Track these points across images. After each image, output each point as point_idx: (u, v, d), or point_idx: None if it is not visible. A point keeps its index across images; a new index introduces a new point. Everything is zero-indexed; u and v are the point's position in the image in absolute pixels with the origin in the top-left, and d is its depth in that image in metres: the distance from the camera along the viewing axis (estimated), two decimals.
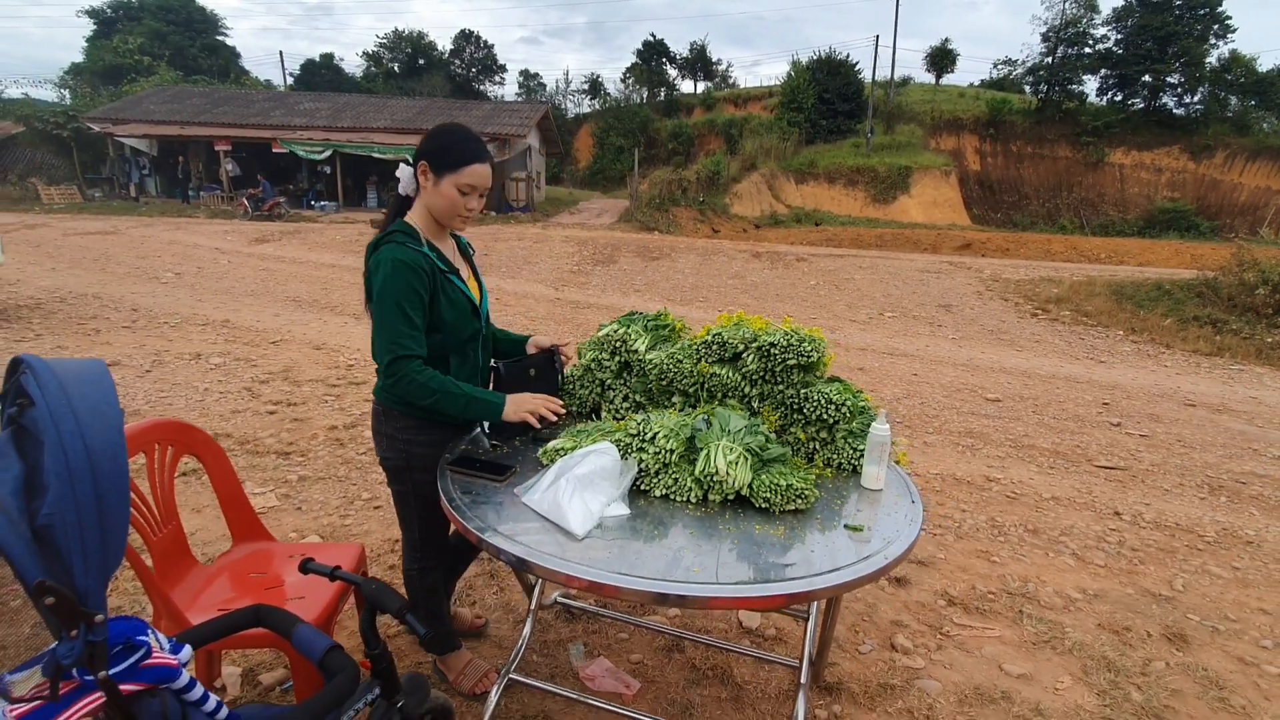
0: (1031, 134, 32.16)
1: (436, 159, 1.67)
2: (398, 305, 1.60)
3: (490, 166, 1.73)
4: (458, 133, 1.71)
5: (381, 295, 1.61)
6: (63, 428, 0.86)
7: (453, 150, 1.67)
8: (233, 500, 1.91)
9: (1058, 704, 2.18)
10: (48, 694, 0.95)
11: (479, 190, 1.70)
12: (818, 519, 1.54)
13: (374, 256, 1.67)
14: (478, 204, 1.72)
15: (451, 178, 1.66)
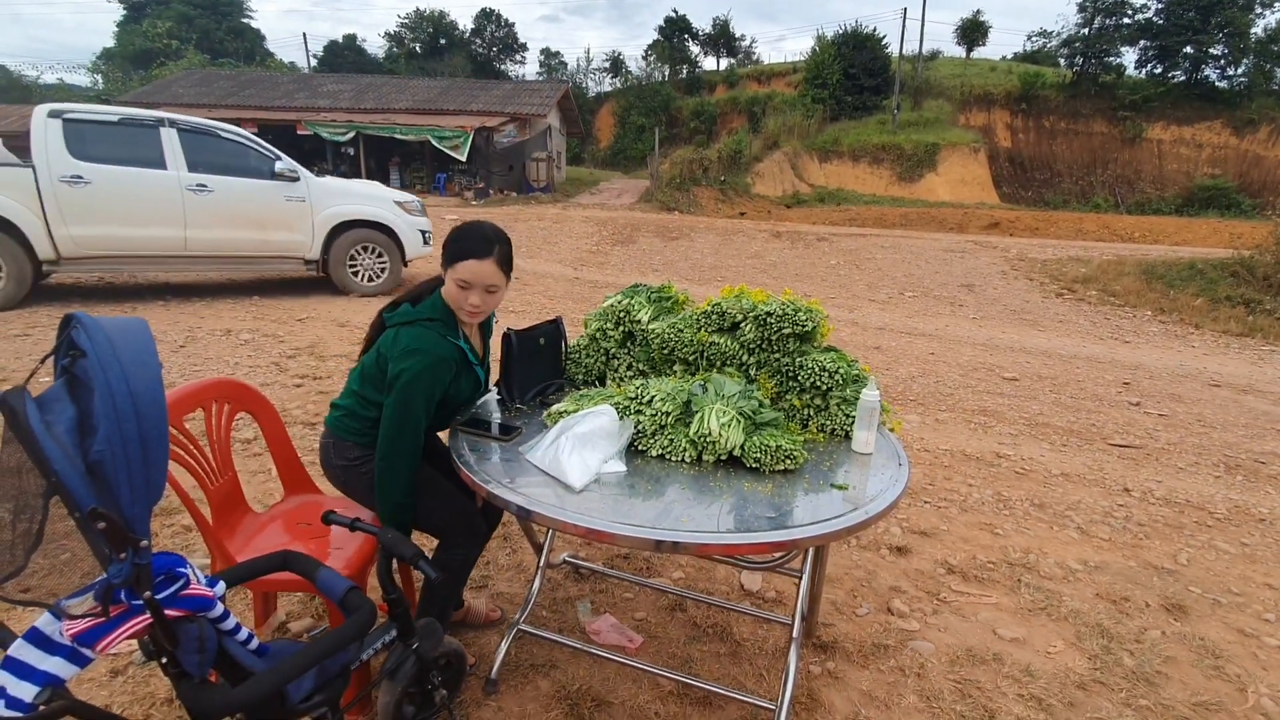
0: (1066, 109, 31.23)
1: (445, 252, 1.74)
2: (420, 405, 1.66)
3: (493, 264, 1.70)
4: (466, 228, 1.75)
5: (405, 385, 1.64)
6: (110, 375, 0.98)
7: (455, 245, 1.72)
8: (283, 454, 2.04)
9: (1048, 666, 2.25)
10: (100, 614, 1.09)
11: (476, 286, 1.70)
12: (806, 478, 1.62)
13: (408, 340, 1.68)
14: (481, 300, 1.72)
15: (451, 273, 1.71)
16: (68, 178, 5.80)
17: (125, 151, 6.03)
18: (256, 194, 6.60)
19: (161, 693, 1.90)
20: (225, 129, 6.62)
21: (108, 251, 6.20)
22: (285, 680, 1.28)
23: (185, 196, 6.25)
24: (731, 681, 2.09)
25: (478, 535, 1.88)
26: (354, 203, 7.14)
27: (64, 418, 1.01)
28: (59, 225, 5.87)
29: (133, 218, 6.13)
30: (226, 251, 6.70)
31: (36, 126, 5.71)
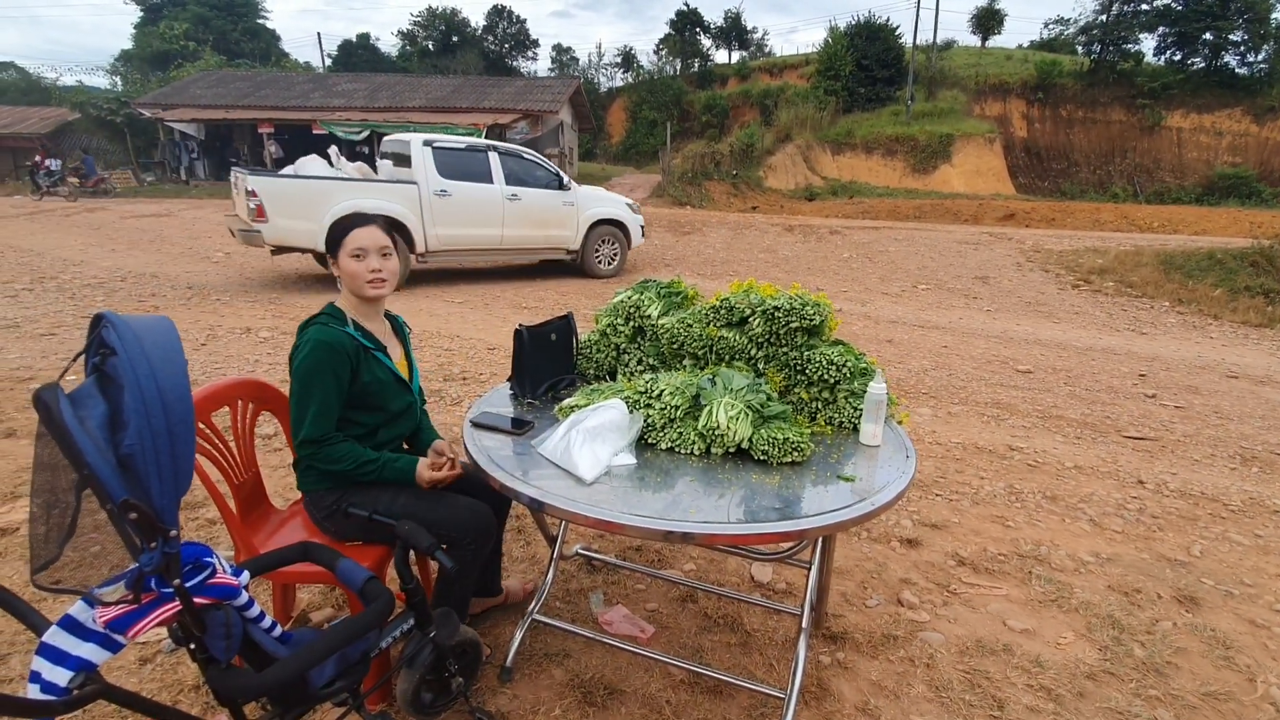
0: (1083, 97, 30.74)
1: (330, 245, 1.81)
2: (314, 387, 1.69)
3: (378, 229, 1.80)
4: (343, 217, 1.84)
5: (299, 375, 1.70)
6: (139, 372, 1.02)
7: (335, 230, 1.80)
8: None
9: (1058, 657, 2.26)
10: (131, 601, 1.13)
11: (371, 249, 1.78)
12: (813, 470, 1.64)
13: (299, 337, 1.77)
14: (381, 263, 1.79)
15: (342, 252, 1.78)
16: (438, 191, 7.68)
17: (468, 171, 7.92)
18: (546, 201, 8.52)
19: (189, 680, 1.96)
20: (527, 153, 8.65)
21: (455, 246, 8.07)
22: (308, 666, 1.33)
23: (504, 204, 8.17)
24: (742, 671, 2.12)
25: (486, 535, 1.88)
26: (604, 206, 9.06)
27: (96, 413, 1.05)
28: (430, 226, 7.74)
29: (473, 220, 8.03)
30: (524, 245, 8.59)
31: (415, 152, 7.56)
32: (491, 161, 8.10)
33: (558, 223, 8.67)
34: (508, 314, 6.96)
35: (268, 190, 6.90)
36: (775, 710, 1.95)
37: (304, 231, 7.03)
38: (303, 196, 7.07)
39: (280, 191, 6.99)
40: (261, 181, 6.96)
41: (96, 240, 10.80)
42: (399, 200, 7.48)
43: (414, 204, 7.56)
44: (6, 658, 2.05)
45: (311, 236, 7.00)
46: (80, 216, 13.60)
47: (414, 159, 7.55)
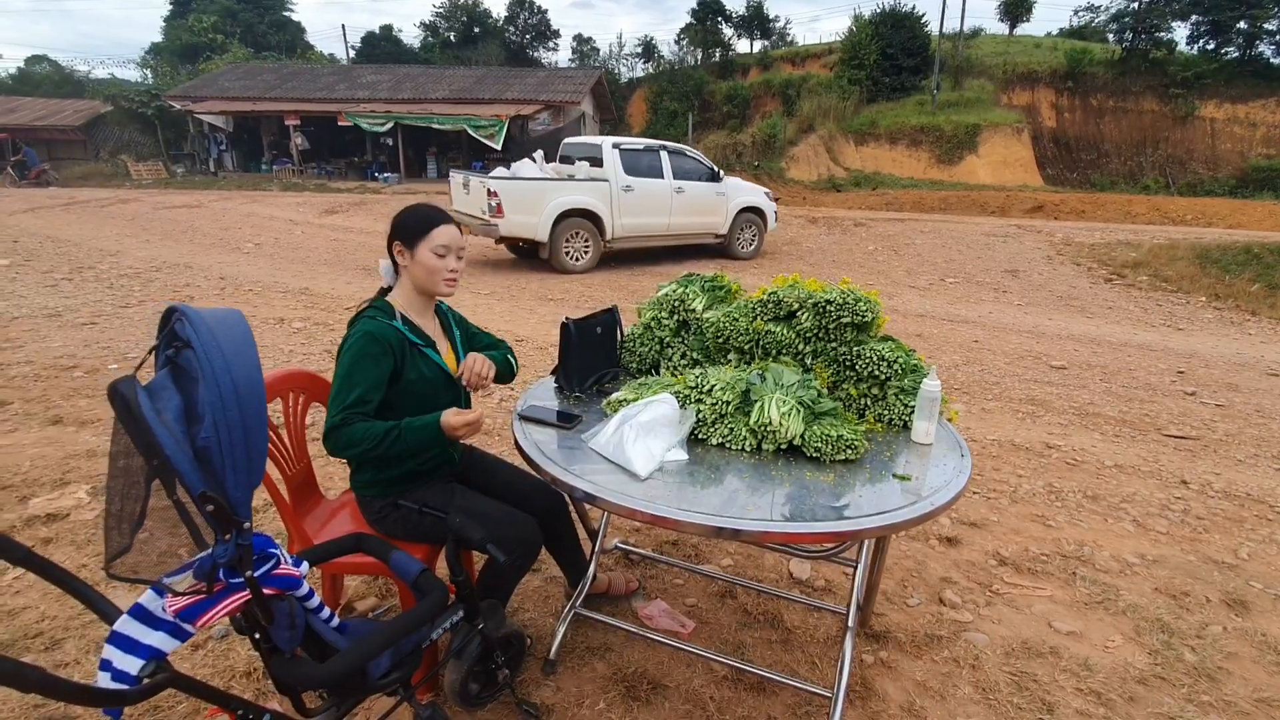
0: (1114, 86, 29.97)
1: (406, 235, 1.76)
2: (352, 377, 1.66)
3: (457, 228, 1.79)
4: (418, 207, 1.80)
5: (340, 365, 1.68)
6: (215, 365, 1.03)
7: (416, 221, 1.76)
8: None
9: (1107, 661, 2.22)
10: (204, 591, 1.15)
11: (453, 250, 1.77)
12: (867, 469, 1.62)
13: (349, 330, 1.74)
14: (457, 264, 1.79)
15: (424, 244, 1.74)
16: (624, 187, 8.90)
17: (646, 168, 9.13)
18: (704, 192, 9.67)
19: (240, 665, 1.99)
20: (689, 150, 9.88)
21: (634, 233, 9.26)
22: (368, 657, 1.34)
23: (672, 196, 9.33)
24: (784, 668, 2.11)
25: (532, 548, 1.82)
26: (748, 195, 10.24)
27: (171, 405, 1.06)
28: (617, 217, 8.94)
29: (649, 210, 9.22)
30: (685, 230, 9.76)
31: (606, 154, 8.83)
32: (663, 159, 9.30)
33: (711, 211, 9.84)
34: (534, 305, 6.98)
35: (505, 191, 8.12)
36: (819, 708, 1.94)
37: (528, 224, 8.31)
38: (530, 195, 8.32)
39: (514, 191, 8.22)
40: (501, 184, 8.16)
41: (131, 231, 10.99)
42: (594, 195, 8.70)
43: (605, 198, 8.80)
44: (61, 643, 2.09)
45: (532, 228, 8.36)
46: (115, 207, 13.85)
47: (605, 159, 8.79)
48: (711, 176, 9.75)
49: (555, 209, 8.35)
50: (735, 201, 10.03)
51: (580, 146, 9.54)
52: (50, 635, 2.11)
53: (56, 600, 2.25)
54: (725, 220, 10.00)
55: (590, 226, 8.78)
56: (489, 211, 8.08)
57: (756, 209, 10.34)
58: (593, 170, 8.92)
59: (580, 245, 8.87)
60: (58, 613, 2.20)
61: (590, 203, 8.63)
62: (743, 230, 10.31)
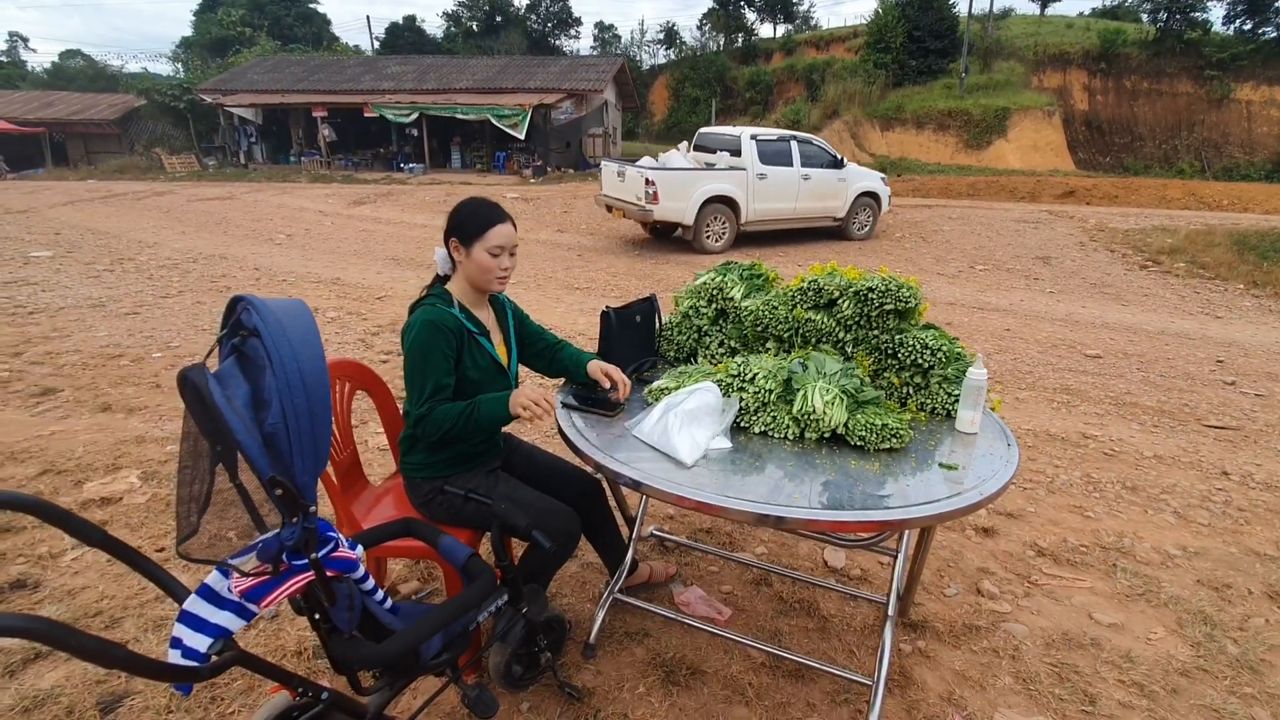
0: (1148, 68, 29.07)
1: (462, 232, 1.78)
2: (426, 364, 1.71)
3: (512, 225, 1.81)
4: (475, 204, 1.81)
5: (410, 354, 1.72)
6: (282, 353, 1.06)
7: (473, 220, 1.77)
8: (396, 431, 2.12)
9: (1149, 653, 2.19)
10: (269, 572, 1.19)
11: (507, 249, 1.80)
12: (912, 457, 1.61)
13: (409, 318, 1.78)
14: (510, 262, 1.82)
15: (479, 244, 1.76)
16: (759, 174, 9.63)
17: (777, 157, 9.83)
18: (827, 178, 10.31)
19: (291, 644, 2.06)
20: (816, 140, 10.49)
21: (765, 217, 9.99)
22: (423, 639, 1.38)
23: (800, 183, 10.04)
24: (822, 655, 2.12)
25: (571, 539, 1.86)
26: (866, 180, 10.76)
27: (240, 393, 1.09)
28: (751, 202, 9.68)
29: (779, 196, 9.94)
30: (808, 214, 10.42)
31: (745, 145, 9.59)
32: (793, 148, 9.99)
33: (833, 195, 10.45)
34: (560, 294, 7.01)
35: (661, 180, 8.98)
36: (858, 696, 1.95)
37: (678, 209, 9.15)
38: (680, 184, 9.13)
39: (668, 181, 9.06)
40: (658, 174, 9.03)
41: (166, 223, 11.22)
42: (732, 182, 9.48)
43: (742, 185, 9.56)
44: (120, 621, 2.17)
45: (681, 213, 9.19)
46: (150, 200, 14.15)
47: (743, 150, 9.58)
48: (835, 163, 10.40)
49: (701, 196, 9.23)
50: (855, 186, 10.63)
51: (716, 136, 10.27)
52: (110, 614, 2.19)
53: (114, 580, 2.34)
54: (844, 204, 10.62)
55: (728, 211, 9.62)
56: (645, 198, 9.01)
57: (873, 193, 10.91)
58: (732, 160, 9.71)
59: (718, 228, 9.65)
60: (115, 592, 2.28)
61: (730, 190, 9.46)
62: (859, 213, 10.88)
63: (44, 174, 21.77)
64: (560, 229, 11.38)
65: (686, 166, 9.70)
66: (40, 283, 6.84)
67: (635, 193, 9.25)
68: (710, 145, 10.24)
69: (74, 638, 0.89)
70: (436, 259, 1.88)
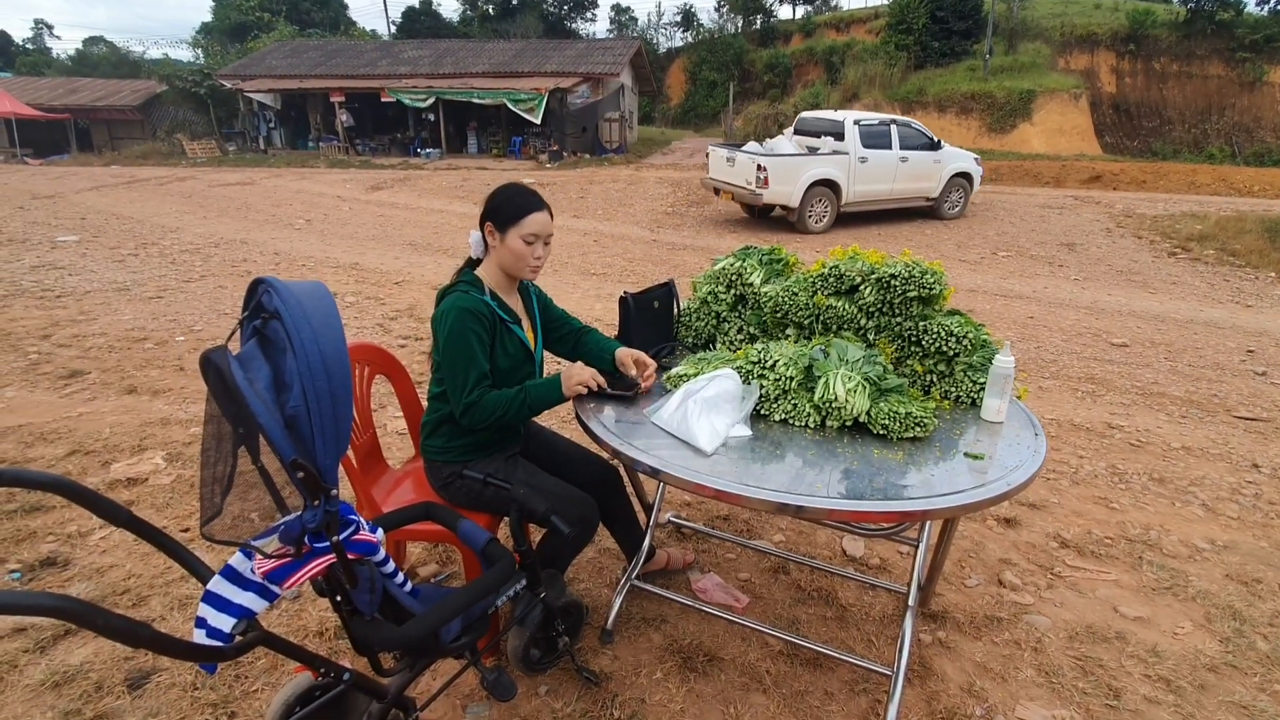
0: (1178, 50, 28.18)
1: (498, 217, 1.76)
2: (465, 351, 1.70)
3: (549, 214, 1.80)
4: (512, 189, 1.80)
5: (447, 343, 1.71)
6: (303, 336, 1.05)
7: (510, 206, 1.76)
8: (414, 415, 2.14)
9: (1176, 648, 2.16)
10: (292, 554, 1.19)
11: (542, 237, 1.78)
12: (936, 447, 1.58)
13: (439, 306, 1.77)
14: (544, 251, 1.81)
15: (514, 230, 1.74)
16: (860, 158, 10.04)
17: (876, 141, 10.23)
18: (923, 160, 10.66)
19: (313, 625, 2.08)
20: (914, 123, 10.93)
21: (864, 198, 10.40)
22: (443, 621, 1.38)
23: (897, 165, 10.41)
24: (840, 644, 2.11)
25: (589, 526, 1.86)
26: (959, 162, 11.06)
27: (261, 375, 1.09)
28: (851, 185, 10.12)
29: (877, 178, 10.32)
30: (903, 195, 10.80)
31: (848, 130, 10.05)
32: (892, 132, 10.40)
33: (928, 177, 10.79)
34: (577, 280, 7.00)
35: (772, 165, 9.49)
36: (877, 686, 1.93)
37: (786, 193, 9.66)
38: (788, 168, 9.65)
39: (778, 166, 9.57)
40: (769, 160, 9.57)
41: (188, 208, 11.34)
42: (834, 166, 9.92)
43: (844, 168, 9.99)
44: (146, 599, 2.21)
45: (787, 196, 9.71)
46: (172, 185, 14.30)
47: (846, 134, 10.06)
48: (931, 145, 10.75)
49: (807, 180, 9.73)
50: (949, 167, 10.94)
51: (818, 121, 10.75)
52: (136, 592, 2.23)
53: (141, 559, 2.38)
54: (938, 185, 10.96)
55: (830, 193, 10.07)
56: (755, 183, 9.55)
57: (966, 174, 11.21)
58: (835, 144, 10.18)
59: (820, 209, 10.12)
60: (142, 571, 2.32)
61: (833, 174, 9.93)
62: (951, 193, 11.17)
63: (69, 159, 22.06)
64: (576, 214, 11.34)
65: (793, 152, 10.20)
66: (67, 267, 6.95)
67: (745, 177, 9.76)
68: (812, 130, 10.68)
69: (102, 617, 0.90)
70: (471, 242, 1.86)
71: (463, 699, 1.86)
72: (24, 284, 6.21)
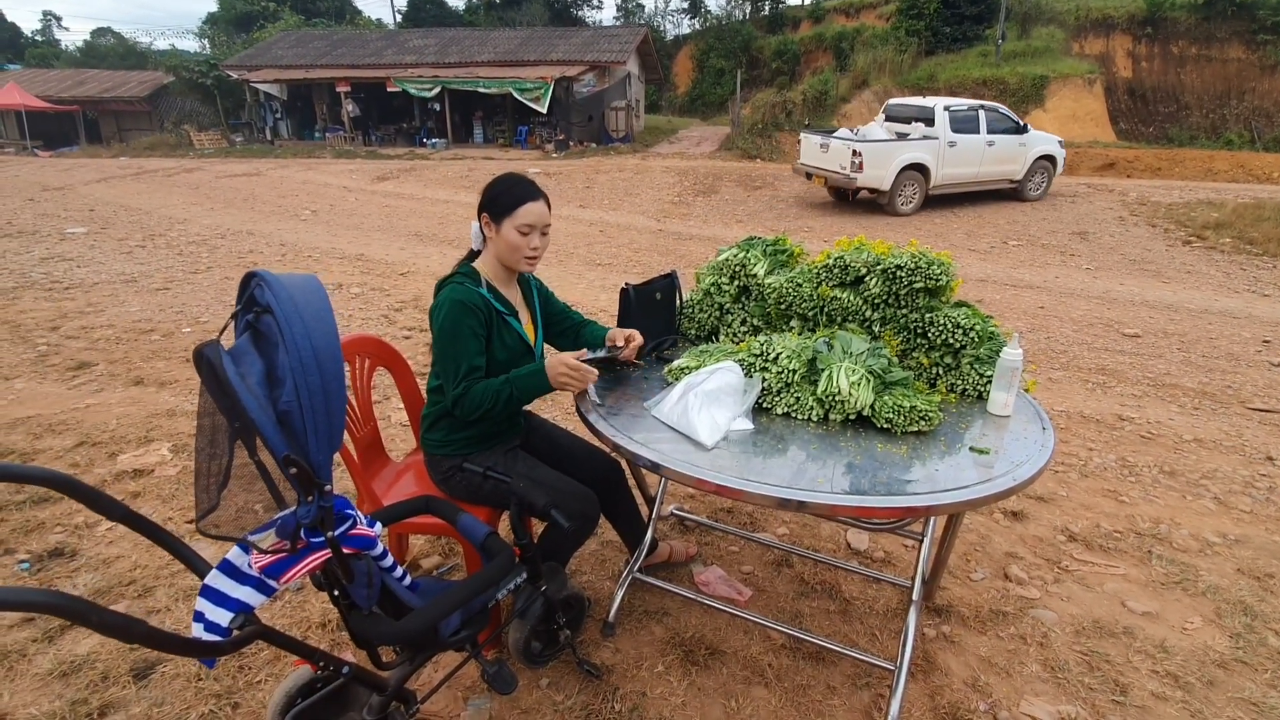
0: (1197, 32, 27.64)
1: (494, 208, 1.75)
2: (458, 343, 1.69)
3: (545, 204, 1.77)
4: (508, 180, 1.78)
5: (441, 335, 1.70)
6: (295, 330, 1.04)
7: (505, 196, 1.74)
8: (416, 407, 2.13)
9: (1185, 643, 2.13)
10: (287, 549, 1.18)
11: (538, 228, 1.76)
12: (941, 441, 1.56)
13: (436, 298, 1.76)
14: (540, 242, 1.78)
15: (509, 221, 1.73)
16: (949, 142, 10.44)
17: (965, 125, 10.58)
18: (1009, 143, 10.98)
19: (315, 616, 2.09)
20: (1001, 108, 11.26)
21: (951, 181, 10.82)
22: (441, 616, 1.38)
23: (984, 149, 10.77)
24: (843, 638, 2.10)
25: (589, 520, 1.84)
26: (1044, 145, 11.33)
27: (254, 370, 1.08)
28: (939, 168, 10.52)
29: (965, 162, 10.73)
30: (989, 177, 11.14)
31: (938, 115, 10.42)
32: (980, 116, 10.74)
33: (1012, 160, 11.10)
34: (582, 270, 6.97)
35: (866, 150, 9.94)
36: (880, 680, 1.92)
37: (879, 177, 10.07)
38: (882, 153, 10.07)
39: (873, 151, 10.01)
40: (864, 145, 10.00)
41: (195, 200, 11.37)
42: (925, 150, 10.34)
43: (934, 152, 10.42)
44: (152, 590, 2.22)
45: (880, 180, 10.11)
46: (180, 177, 14.34)
47: (937, 120, 10.45)
48: (1017, 129, 11.09)
49: (899, 164, 10.13)
50: (1034, 150, 11.22)
51: (908, 108, 11.20)
52: (142, 583, 2.24)
53: (147, 551, 2.39)
54: (1023, 168, 11.27)
55: (919, 177, 10.49)
56: (850, 167, 10.02)
57: (1050, 156, 11.52)
58: (925, 129, 10.60)
59: (910, 192, 10.51)
60: (149, 562, 2.34)
61: (923, 158, 10.33)
62: (1034, 175, 11.48)
63: (78, 151, 22.16)
64: (582, 204, 11.30)
65: (885, 138, 10.60)
66: (76, 258, 6.98)
67: (840, 162, 10.23)
68: (901, 116, 11.17)
69: (96, 613, 0.90)
70: (471, 233, 1.85)
71: (464, 691, 1.87)
72: (33, 276, 6.24)
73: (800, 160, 11.30)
